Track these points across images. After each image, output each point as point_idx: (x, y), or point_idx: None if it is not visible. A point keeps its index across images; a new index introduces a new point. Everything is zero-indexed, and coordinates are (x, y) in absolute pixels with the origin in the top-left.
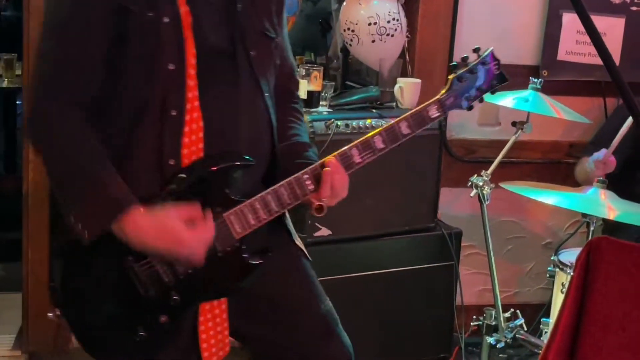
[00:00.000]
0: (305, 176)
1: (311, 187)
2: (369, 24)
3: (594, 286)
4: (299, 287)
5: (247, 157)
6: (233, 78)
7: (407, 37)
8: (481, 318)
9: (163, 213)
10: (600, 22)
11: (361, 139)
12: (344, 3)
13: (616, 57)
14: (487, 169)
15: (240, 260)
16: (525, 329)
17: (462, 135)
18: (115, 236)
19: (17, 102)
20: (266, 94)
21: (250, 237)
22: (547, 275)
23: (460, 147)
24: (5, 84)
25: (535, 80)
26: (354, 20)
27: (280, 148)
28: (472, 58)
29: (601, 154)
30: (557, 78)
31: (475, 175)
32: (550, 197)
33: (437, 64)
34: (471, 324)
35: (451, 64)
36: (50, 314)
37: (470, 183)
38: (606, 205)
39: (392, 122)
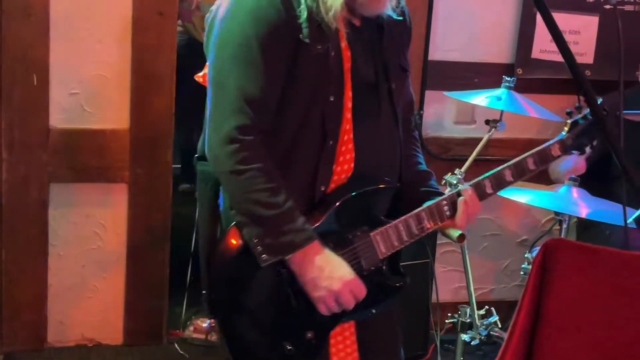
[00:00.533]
0: (444, 202)
1: (448, 213)
2: None
3: (550, 288)
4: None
5: (389, 180)
6: (376, 110)
7: None
8: (456, 315)
9: (333, 257)
10: (575, 20)
11: (492, 171)
12: None
13: (590, 55)
14: (461, 167)
15: (383, 282)
16: (500, 326)
17: (437, 133)
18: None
19: None
20: (400, 124)
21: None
22: (522, 273)
23: (436, 145)
24: None
25: (509, 79)
26: None
27: (406, 176)
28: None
29: (570, 162)
30: (532, 76)
31: (450, 173)
32: (524, 195)
33: (412, 63)
34: (446, 321)
35: (567, 111)
36: (204, 325)
37: (444, 181)
38: (578, 203)
39: (520, 158)
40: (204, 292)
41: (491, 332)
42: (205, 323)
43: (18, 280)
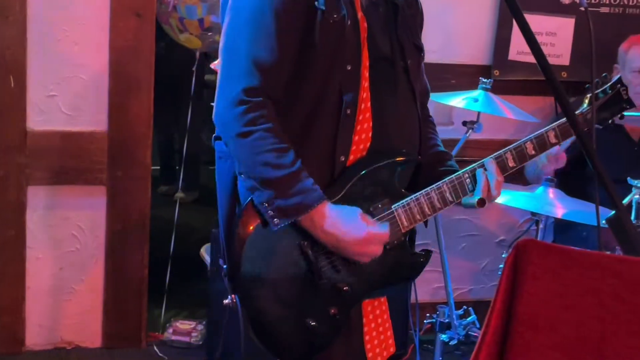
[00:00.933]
0: (466, 175)
1: (470, 187)
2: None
3: (522, 288)
4: None
5: (409, 152)
6: (393, 85)
7: None
8: (435, 316)
9: (351, 211)
10: (551, 22)
11: (514, 144)
12: None
13: (566, 57)
14: None
15: (408, 255)
16: (478, 326)
17: None
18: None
19: None
20: (418, 103)
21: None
22: (499, 273)
23: None
24: None
25: (485, 80)
26: None
27: (425, 156)
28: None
29: (554, 149)
30: (509, 78)
31: None
32: (501, 195)
33: None
34: (425, 321)
35: (586, 86)
36: (225, 301)
37: None
38: (554, 203)
39: (542, 130)
40: (224, 268)
41: (469, 332)
42: (184, 325)
43: None
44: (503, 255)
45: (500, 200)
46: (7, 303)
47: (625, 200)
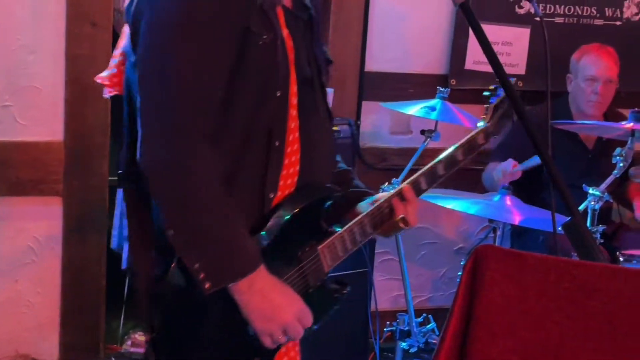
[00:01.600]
0: (385, 205)
1: (388, 216)
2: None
3: (481, 293)
4: None
5: (333, 187)
6: (315, 109)
7: None
8: (395, 324)
9: (279, 284)
10: (507, 32)
11: (425, 168)
12: None
13: (522, 66)
14: (397, 177)
15: (326, 293)
16: (438, 333)
17: (374, 143)
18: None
19: None
20: (331, 121)
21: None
22: (458, 280)
23: (372, 155)
24: None
25: (442, 89)
26: None
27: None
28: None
29: (509, 165)
30: (465, 87)
31: (387, 183)
32: (459, 203)
33: (349, 74)
34: (385, 329)
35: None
36: (142, 338)
37: (381, 190)
38: (511, 210)
39: (449, 151)
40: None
41: (429, 340)
42: (142, 337)
43: None
44: (462, 263)
45: (458, 207)
46: None
47: (581, 207)
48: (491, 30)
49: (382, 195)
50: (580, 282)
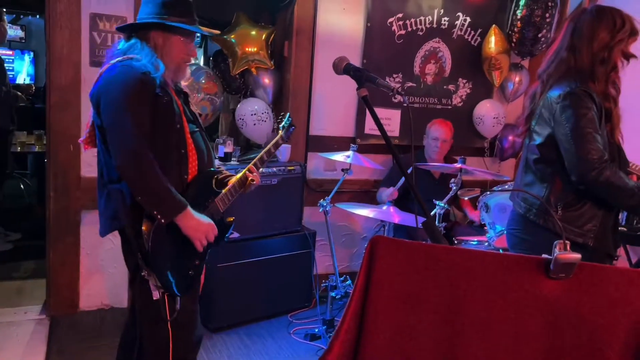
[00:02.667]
0: (243, 176)
1: (244, 181)
2: (252, 114)
3: (375, 268)
4: None
5: (215, 170)
6: (200, 134)
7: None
8: (327, 281)
9: (203, 217)
10: (386, 113)
11: (258, 156)
12: (238, 105)
13: (397, 131)
14: (328, 196)
15: (223, 223)
16: (351, 284)
17: (315, 176)
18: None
19: (45, 160)
20: (212, 148)
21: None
22: (363, 252)
23: (314, 183)
24: (37, 149)
25: (353, 145)
26: (243, 114)
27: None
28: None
29: (390, 191)
30: (365, 143)
31: (322, 199)
32: (364, 210)
33: (300, 136)
34: (321, 284)
35: (281, 126)
36: (143, 273)
37: (319, 204)
38: (393, 215)
39: (263, 151)
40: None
41: (347, 290)
42: None
43: (59, 270)
44: (365, 245)
45: (363, 213)
46: None
47: (432, 212)
48: (379, 111)
49: (239, 173)
50: (434, 256)
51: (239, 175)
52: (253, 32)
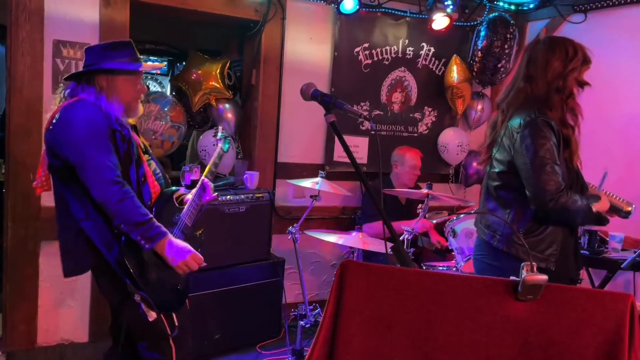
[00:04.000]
0: (201, 189)
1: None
2: (213, 145)
3: (345, 289)
4: None
5: (171, 190)
6: (151, 157)
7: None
8: (296, 310)
9: (182, 244)
10: (356, 139)
11: (208, 170)
12: (201, 137)
13: (365, 159)
14: (297, 223)
15: (194, 237)
16: (321, 313)
17: (284, 203)
18: None
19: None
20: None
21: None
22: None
23: (283, 210)
24: None
25: (322, 172)
26: (205, 145)
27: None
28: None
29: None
30: (335, 170)
31: (291, 226)
32: (332, 237)
33: (268, 163)
34: (291, 313)
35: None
36: (136, 297)
37: (288, 231)
38: (362, 241)
39: (207, 170)
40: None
41: (317, 319)
42: None
43: (16, 303)
44: (334, 272)
45: (332, 239)
46: None
47: (401, 237)
48: (347, 138)
49: (194, 191)
50: (404, 280)
51: (195, 189)
52: (206, 66)
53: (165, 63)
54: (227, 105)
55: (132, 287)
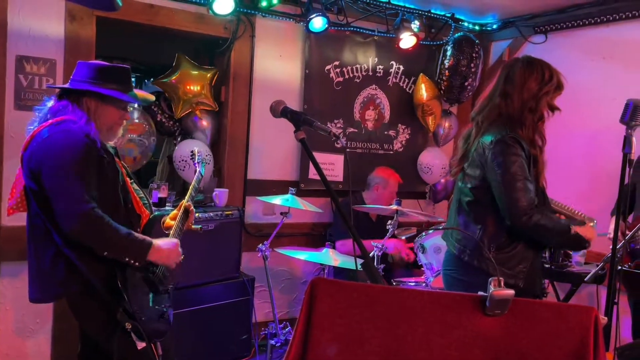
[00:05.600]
0: (184, 214)
1: (185, 220)
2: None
3: (315, 306)
4: None
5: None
6: (133, 180)
7: (214, 166)
8: (267, 329)
9: (167, 241)
10: (330, 157)
11: (189, 196)
12: (176, 147)
13: (340, 176)
14: (267, 240)
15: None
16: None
17: (253, 220)
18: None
19: None
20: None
21: None
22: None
23: (253, 227)
24: None
25: (292, 188)
26: (184, 155)
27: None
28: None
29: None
30: (309, 188)
31: (261, 244)
32: (303, 255)
33: (237, 180)
34: (261, 332)
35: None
36: (127, 325)
37: (258, 249)
38: (333, 258)
39: (192, 189)
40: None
41: (287, 338)
42: None
43: None
44: (305, 290)
45: (303, 257)
46: None
47: (371, 254)
48: (321, 156)
49: (175, 213)
50: (374, 296)
51: (178, 212)
52: (195, 73)
53: (153, 98)
54: (205, 117)
55: (124, 314)
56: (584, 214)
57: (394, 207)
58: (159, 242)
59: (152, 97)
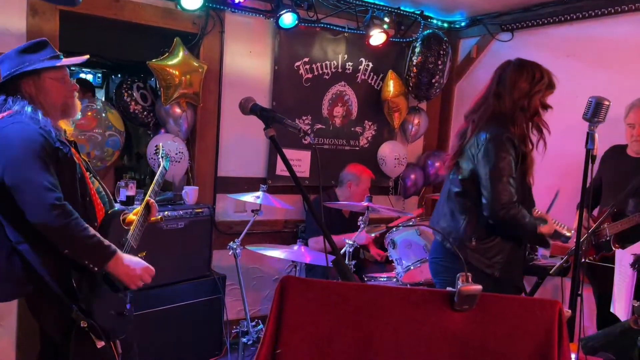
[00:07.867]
0: (146, 211)
1: (147, 216)
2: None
3: (285, 305)
4: None
5: (119, 210)
6: (92, 174)
7: (189, 162)
8: (238, 327)
9: (135, 260)
10: (298, 153)
11: (151, 191)
12: (150, 140)
13: (307, 172)
14: (238, 238)
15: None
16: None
17: (224, 218)
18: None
19: None
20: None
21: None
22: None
23: (224, 225)
24: None
25: (263, 185)
26: (152, 151)
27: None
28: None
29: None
30: (277, 184)
31: (232, 242)
32: (275, 252)
33: (208, 178)
34: (233, 331)
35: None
36: (83, 324)
37: (229, 247)
38: (305, 255)
39: (150, 190)
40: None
41: (259, 335)
42: None
43: None
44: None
45: (275, 254)
46: None
47: (342, 250)
48: (290, 152)
49: (138, 209)
50: (343, 294)
51: (140, 208)
52: (198, 65)
53: (87, 56)
54: (184, 111)
55: (79, 313)
56: (564, 225)
57: (365, 203)
58: (125, 256)
59: (83, 57)
